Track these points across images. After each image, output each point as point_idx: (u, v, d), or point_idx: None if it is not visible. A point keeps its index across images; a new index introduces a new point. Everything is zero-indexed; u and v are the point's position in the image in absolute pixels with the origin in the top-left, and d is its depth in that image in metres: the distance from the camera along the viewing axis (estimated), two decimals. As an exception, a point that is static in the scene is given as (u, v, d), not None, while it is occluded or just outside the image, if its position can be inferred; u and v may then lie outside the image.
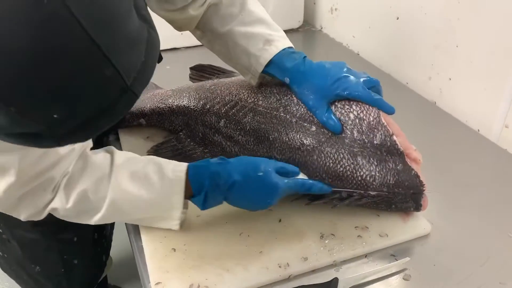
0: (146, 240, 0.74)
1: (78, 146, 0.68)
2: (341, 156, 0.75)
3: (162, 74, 1.07)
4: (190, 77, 1.04)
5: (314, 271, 0.70)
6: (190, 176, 0.70)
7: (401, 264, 0.70)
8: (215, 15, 0.83)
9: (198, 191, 0.70)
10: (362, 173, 0.74)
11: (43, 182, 0.65)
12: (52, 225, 0.77)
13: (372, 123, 0.76)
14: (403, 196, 0.75)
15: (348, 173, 0.74)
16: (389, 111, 0.76)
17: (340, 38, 1.56)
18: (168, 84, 1.06)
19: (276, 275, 0.68)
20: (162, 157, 0.73)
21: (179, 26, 0.86)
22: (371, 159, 0.74)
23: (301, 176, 0.75)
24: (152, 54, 0.48)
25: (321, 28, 1.66)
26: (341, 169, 0.75)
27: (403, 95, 1.20)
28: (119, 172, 0.68)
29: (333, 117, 0.76)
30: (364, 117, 0.76)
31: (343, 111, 0.77)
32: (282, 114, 0.81)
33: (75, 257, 0.98)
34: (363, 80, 0.77)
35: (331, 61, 0.80)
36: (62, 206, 0.67)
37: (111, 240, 1.17)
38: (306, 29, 1.65)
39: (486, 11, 0.99)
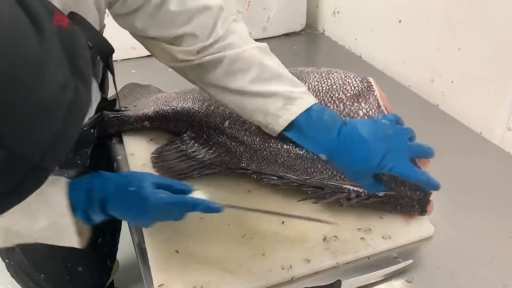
0: (149, 242, 0.74)
1: None
2: None
3: (164, 77, 1.08)
4: None
5: (317, 273, 0.70)
6: (70, 195, 0.63)
7: (404, 267, 0.70)
8: (221, 70, 0.75)
9: (75, 204, 0.63)
10: None
11: None
12: None
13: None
14: (410, 200, 0.75)
15: None
16: (435, 188, 0.71)
17: (343, 41, 1.56)
18: (171, 87, 1.06)
19: (279, 277, 0.68)
20: (166, 159, 0.73)
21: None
22: None
23: (197, 194, 0.67)
24: (74, 117, 0.42)
25: (324, 31, 1.66)
26: None
27: (405, 97, 1.20)
28: None
29: (380, 187, 0.73)
30: (371, 113, 0.77)
31: (352, 109, 0.78)
32: None
33: (79, 265, 0.98)
34: (408, 146, 0.70)
35: (367, 122, 0.73)
36: None
37: (116, 244, 1.17)
38: (308, 32, 1.65)
39: (488, 14, 0.99)
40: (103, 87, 0.78)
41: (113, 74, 0.75)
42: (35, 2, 0.40)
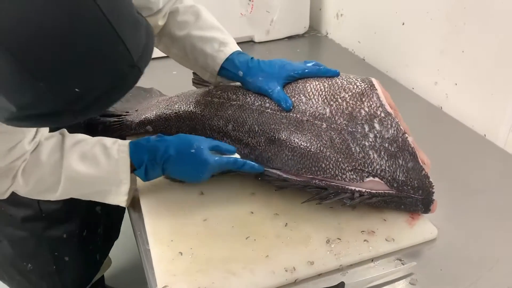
0: (153, 244, 0.74)
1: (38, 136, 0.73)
2: (352, 151, 0.76)
3: (167, 80, 1.09)
4: (193, 82, 1.05)
5: (320, 275, 0.70)
6: (131, 153, 0.77)
7: (408, 269, 0.70)
8: (173, 21, 0.91)
9: (138, 165, 0.77)
10: (373, 167, 0.75)
11: (7, 171, 0.71)
12: (41, 222, 0.79)
13: (384, 120, 0.77)
14: (414, 200, 0.76)
15: (359, 167, 0.75)
16: (335, 73, 0.86)
17: (346, 44, 1.56)
18: (173, 90, 1.06)
19: (282, 279, 0.68)
20: None
21: None
22: (382, 153, 0.75)
23: (237, 155, 0.82)
24: (150, 38, 0.56)
25: (327, 34, 1.66)
26: (353, 163, 0.76)
27: (409, 100, 1.20)
28: (70, 154, 0.74)
29: (285, 95, 0.84)
30: (376, 114, 0.78)
31: (355, 107, 0.79)
32: (292, 114, 0.82)
33: (66, 254, 0.99)
34: (304, 62, 0.89)
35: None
36: (22, 189, 0.74)
37: (110, 240, 1.17)
38: (311, 35, 1.66)
39: (491, 16, 0.99)
40: None
41: None
42: None
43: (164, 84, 1.17)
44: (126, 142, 0.78)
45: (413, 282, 0.69)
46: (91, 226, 1.05)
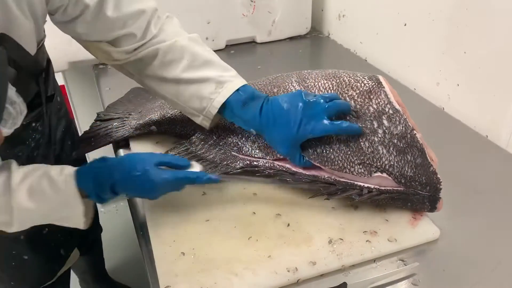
0: (156, 244, 0.74)
1: None
2: (361, 145, 0.77)
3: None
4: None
5: (322, 275, 0.70)
6: (78, 182, 0.72)
7: (410, 269, 0.70)
8: (157, 62, 0.82)
9: (88, 192, 0.73)
10: (381, 161, 0.76)
11: None
12: None
13: (393, 116, 0.78)
14: (420, 196, 0.76)
15: (368, 161, 0.76)
16: (357, 132, 0.77)
17: (348, 44, 1.56)
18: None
19: (284, 279, 0.68)
20: None
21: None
22: (391, 148, 0.76)
23: (195, 168, 0.77)
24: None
25: (329, 35, 1.66)
26: (362, 157, 0.76)
27: (411, 101, 1.20)
28: (17, 194, 0.70)
29: (307, 161, 0.79)
30: (384, 110, 0.79)
31: (363, 105, 0.79)
32: None
33: (25, 254, 0.98)
34: (325, 108, 0.76)
35: (288, 95, 0.79)
36: None
37: (76, 232, 1.14)
38: (313, 36, 1.66)
39: (494, 17, 0.99)
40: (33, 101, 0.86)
41: (46, 90, 0.86)
42: None
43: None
44: (71, 170, 0.73)
45: (416, 283, 0.68)
46: (51, 224, 1.05)
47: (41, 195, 0.71)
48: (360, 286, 0.67)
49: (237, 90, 0.80)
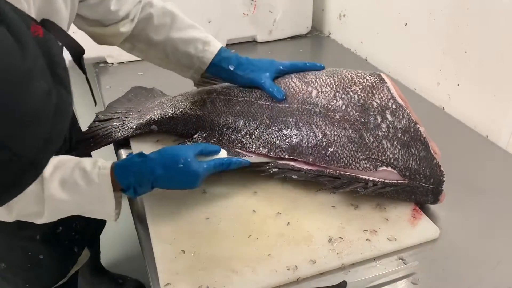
0: (156, 242, 0.74)
1: None
2: (366, 140, 0.78)
3: (169, 80, 1.08)
4: (194, 84, 1.05)
5: (322, 274, 0.70)
6: (116, 176, 0.74)
7: (410, 268, 0.70)
8: (149, 26, 0.91)
9: (127, 187, 0.75)
10: (386, 155, 0.77)
11: None
12: (13, 224, 0.78)
13: (396, 111, 0.79)
14: (424, 189, 0.77)
15: (373, 156, 0.77)
16: (320, 67, 0.90)
17: (348, 44, 1.56)
18: (175, 90, 1.06)
19: (284, 277, 0.68)
20: None
21: (104, 41, 0.92)
22: (395, 142, 0.77)
23: (222, 153, 0.82)
24: (61, 118, 0.46)
25: (329, 34, 1.66)
26: (367, 152, 0.77)
27: (411, 100, 1.18)
28: (50, 184, 0.71)
29: (277, 86, 0.88)
30: (388, 105, 0.80)
31: (366, 100, 0.80)
32: (304, 106, 0.84)
33: (40, 253, 0.98)
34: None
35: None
36: (6, 219, 0.72)
37: (87, 227, 1.14)
38: (314, 35, 1.66)
39: (494, 17, 0.99)
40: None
41: (85, 73, 0.83)
42: (15, 18, 0.43)
43: (166, 84, 1.17)
44: (108, 164, 0.75)
45: (415, 282, 0.69)
46: (66, 222, 1.01)
47: (74, 187, 0.73)
48: (359, 285, 0.67)
49: (221, 48, 0.94)
